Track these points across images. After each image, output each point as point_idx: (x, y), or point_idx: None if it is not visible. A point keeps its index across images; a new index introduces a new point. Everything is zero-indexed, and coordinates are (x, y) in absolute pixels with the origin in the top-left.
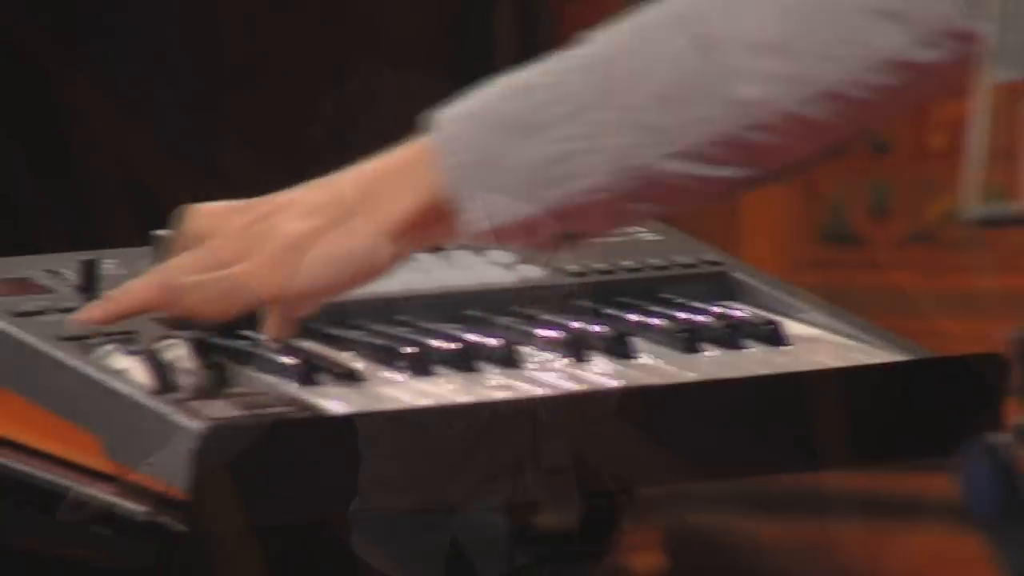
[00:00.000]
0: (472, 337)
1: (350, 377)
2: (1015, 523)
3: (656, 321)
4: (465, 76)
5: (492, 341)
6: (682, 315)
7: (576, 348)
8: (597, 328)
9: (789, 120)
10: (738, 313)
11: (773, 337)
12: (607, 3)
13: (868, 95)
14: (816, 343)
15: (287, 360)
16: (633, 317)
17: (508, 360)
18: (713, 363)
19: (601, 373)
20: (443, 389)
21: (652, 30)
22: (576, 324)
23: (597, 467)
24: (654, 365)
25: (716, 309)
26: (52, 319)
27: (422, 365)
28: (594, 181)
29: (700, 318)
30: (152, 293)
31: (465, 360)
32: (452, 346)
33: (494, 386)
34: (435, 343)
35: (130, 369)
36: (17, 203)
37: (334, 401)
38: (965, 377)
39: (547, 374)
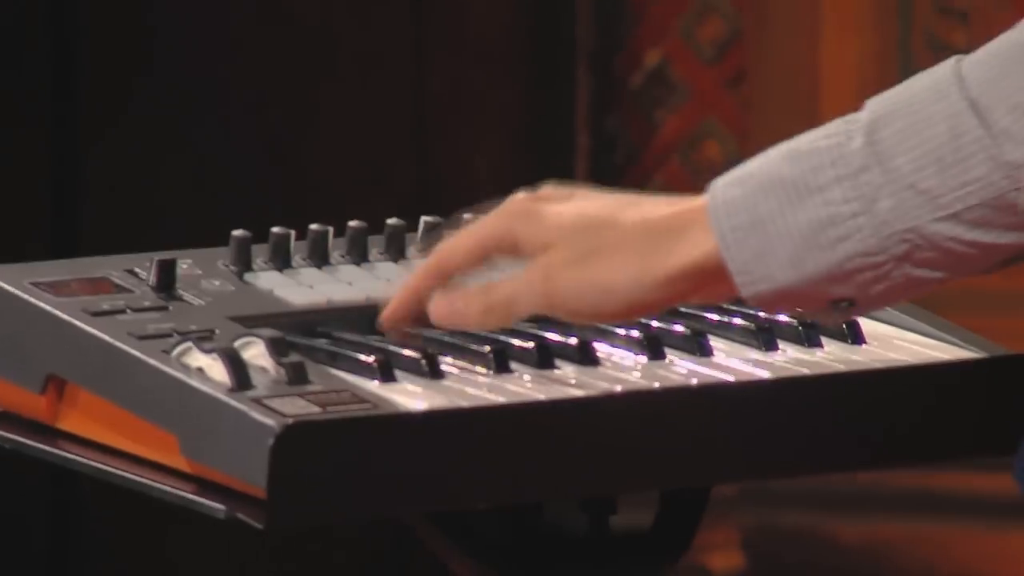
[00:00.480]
0: (550, 335)
1: (430, 374)
2: None
3: (735, 320)
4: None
5: (570, 339)
6: (760, 313)
7: (654, 346)
8: (676, 326)
9: None
10: None
11: (850, 335)
12: (686, 3)
13: None
14: (893, 341)
15: (366, 357)
16: (712, 316)
17: (586, 358)
18: (791, 361)
19: (679, 371)
20: (522, 386)
21: (924, 93)
22: (655, 323)
23: (676, 465)
24: (732, 363)
25: None
26: (129, 318)
27: (501, 362)
28: (865, 244)
29: (779, 317)
30: (432, 285)
31: (544, 357)
32: (530, 344)
33: (572, 383)
34: (513, 340)
35: (208, 367)
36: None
37: (413, 398)
38: None
39: (625, 372)
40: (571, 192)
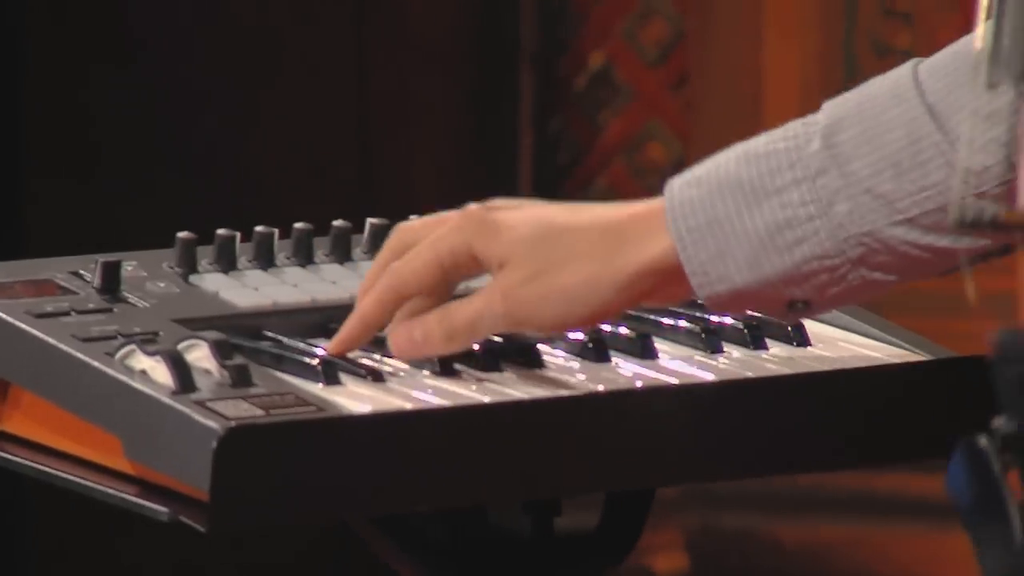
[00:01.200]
0: (495, 338)
1: (373, 377)
2: (992, 522)
3: (680, 322)
4: (488, 77)
5: (514, 342)
6: (706, 316)
7: (599, 349)
8: (621, 329)
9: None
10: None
11: (796, 337)
12: (630, 6)
13: None
14: (838, 343)
15: (310, 360)
16: (656, 318)
17: (531, 361)
18: (735, 364)
19: (623, 374)
20: (467, 389)
21: (882, 97)
22: (601, 326)
23: (620, 467)
24: (676, 366)
25: None
26: (73, 320)
27: (446, 364)
28: (822, 247)
29: (723, 319)
30: (389, 311)
31: (489, 360)
32: (475, 346)
33: (517, 386)
34: None
35: (151, 369)
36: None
37: (358, 401)
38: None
39: (569, 375)
40: (520, 201)
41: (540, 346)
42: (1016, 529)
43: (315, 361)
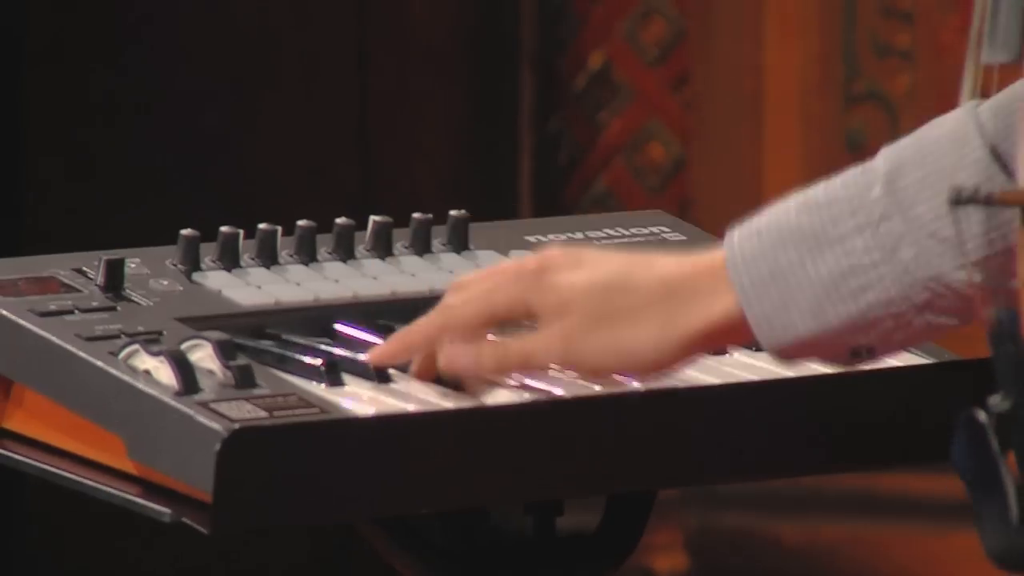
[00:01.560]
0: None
1: (377, 378)
2: (990, 497)
3: None
4: (488, 77)
5: None
6: None
7: None
8: None
9: None
10: None
11: None
12: (630, 6)
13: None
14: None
15: (313, 361)
16: None
17: None
18: (738, 366)
19: (624, 376)
20: (469, 391)
21: (943, 140)
22: None
23: (622, 469)
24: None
25: None
26: (77, 319)
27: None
28: (887, 294)
29: None
30: (433, 342)
31: None
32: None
33: (520, 389)
34: None
35: (155, 369)
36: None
37: (361, 403)
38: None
39: (573, 377)
40: (579, 256)
41: None
42: (1012, 506)
43: (318, 362)
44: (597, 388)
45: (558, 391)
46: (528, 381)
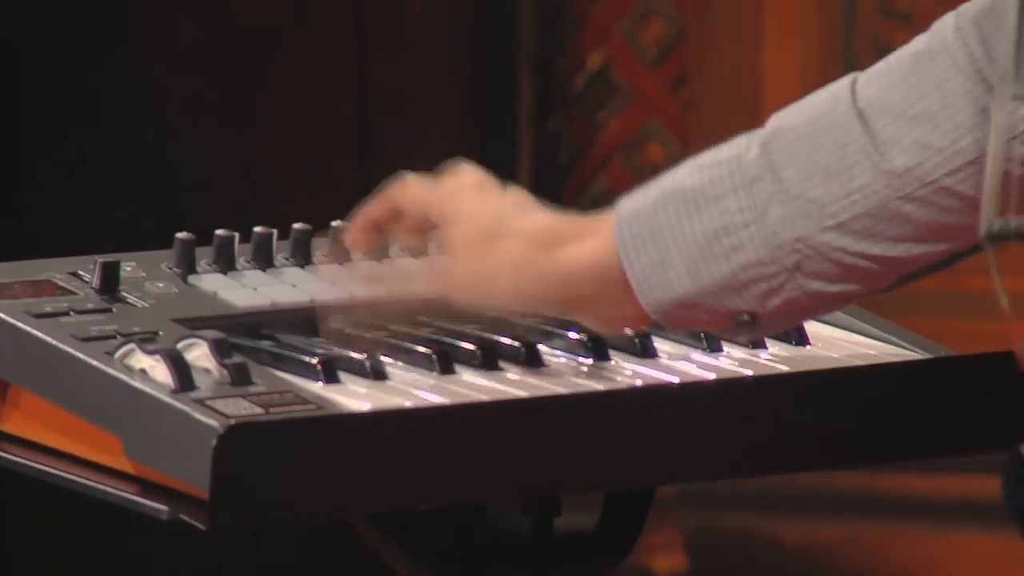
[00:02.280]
0: (494, 336)
1: (373, 375)
2: None
3: None
4: (487, 77)
5: (514, 341)
6: None
7: (599, 348)
8: None
9: (939, 192)
10: None
11: (795, 337)
12: (629, 6)
13: (1011, 167)
14: (836, 342)
15: (309, 359)
16: None
17: (531, 360)
18: (735, 363)
19: (623, 373)
20: (466, 388)
21: (820, 105)
22: None
23: (620, 466)
24: (676, 365)
25: None
26: (72, 320)
27: (446, 363)
28: (757, 254)
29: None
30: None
31: (488, 359)
32: (474, 346)
33: (517, 385)
34: (458, 342)
35: (151, 368)
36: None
37: (357, 399)
38: (987, 375)
39: (569, 374)
40: (488, 184)
41: (540, 345)
42: None
43: (314, 360)
44: (595, 385)
45: (556, 388)
46: (528, 378)
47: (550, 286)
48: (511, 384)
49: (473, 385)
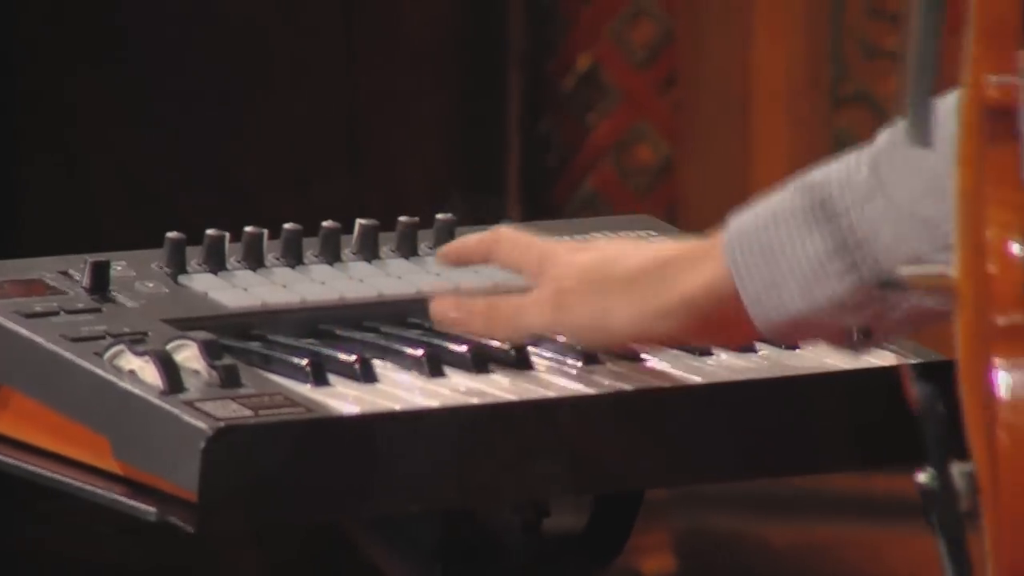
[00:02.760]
0: (484, 339)
1: (363, 377)
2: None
3: None
4: (476, 79)
5: (504, 344)
6: None
7: (585, 351)
8: None
9: None
10: None
11: None
12: (618, 7)
13: None
14: (825, 346)
15: (299, 361)
16: None
17: (520, 363)
18: (724, 366)
19: (613, 376)
20: (456, 390)
21: None
22: None
23: (609, 469)
24: (661, 368)
25: None
26: (62, 320)
27: (435, 366)
28: (873, 274)
29: None
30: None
31: (478, 362)
32: (464, 348)
33: (506, 388)
34: (448, 345)
35: (140, 369)
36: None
37: (346, 402)
38: None
39: (557, 377)
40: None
41: (529, 348)
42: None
43: (304, 362)
44: (585, 389)
45: (546, 391)
46: (518, 381)
47: (671, 316)
48: (500, 387)
49: (462, 388)
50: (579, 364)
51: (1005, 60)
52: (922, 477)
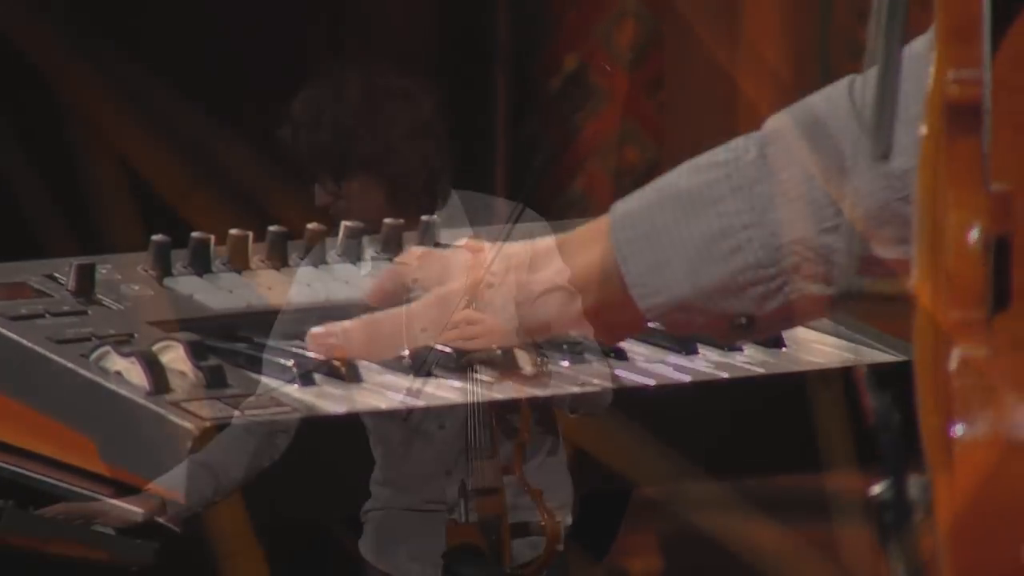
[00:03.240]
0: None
1: (348, 378)
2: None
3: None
4: (463, 80)
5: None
6: None
7: (574, 350)
8: None
9: None
10: None
11: (770, 339)
12: (605, 9)
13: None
14: (811, 344)
15: (285, 361)
16: None
17: (506, 363)
18: (711, 365)
19: (597, 375)
20: (441, 389)
21: (818, 106)
22: None
23: (593, 468)
24: (652, 367)
25: None
26: (48, 322)
27: (420, 366)
28: (756, 256)
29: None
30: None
31: (464, 362)
32: (449, 348)
33: (491, 387)
34: (433, 345)
35: (126, 371)
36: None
37: (332, 402)
38: None
39: (544, 376)
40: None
41: (516, 349)
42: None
43: (290, 362)
44: (571, 388)
45: (535, 390)
46: (504, 382)
47: (547, 300)
48: (486, 387)
49: (448, 388)
50: (566, 364)
51: (969, 58)
52: (876, 488)
